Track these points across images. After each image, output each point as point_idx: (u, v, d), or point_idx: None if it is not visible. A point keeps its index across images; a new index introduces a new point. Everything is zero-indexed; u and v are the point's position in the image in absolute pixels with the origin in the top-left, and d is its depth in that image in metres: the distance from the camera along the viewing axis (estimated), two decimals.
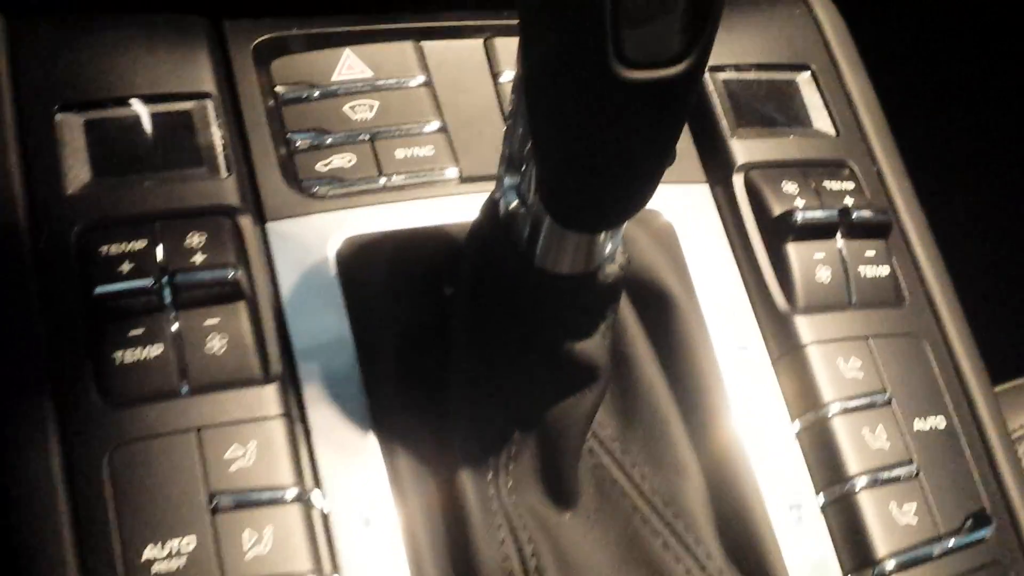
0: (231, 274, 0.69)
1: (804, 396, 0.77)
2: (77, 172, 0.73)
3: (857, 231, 0.82)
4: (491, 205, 0.68)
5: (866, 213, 0.82)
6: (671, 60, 0.52)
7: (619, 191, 0.60)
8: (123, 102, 0.76)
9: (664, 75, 0.52)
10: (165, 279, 0.68)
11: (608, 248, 0.66)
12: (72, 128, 0.74)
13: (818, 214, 0.81)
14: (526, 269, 0.66)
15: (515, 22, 0.86)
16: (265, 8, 0.85)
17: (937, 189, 0.96)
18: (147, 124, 0.76)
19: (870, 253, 0.82)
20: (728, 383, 0.77)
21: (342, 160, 0.80)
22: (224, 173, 0.75)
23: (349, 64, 0.84)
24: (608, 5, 0.50)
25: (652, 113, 0.55)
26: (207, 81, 0.78)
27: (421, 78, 0.84)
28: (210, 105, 0.77)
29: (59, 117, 0.74)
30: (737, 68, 0.90)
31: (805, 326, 0.79)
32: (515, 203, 0.65)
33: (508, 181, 0.66)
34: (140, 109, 0.76)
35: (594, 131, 0.56)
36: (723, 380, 0.77)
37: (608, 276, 0.67)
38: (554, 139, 0.58)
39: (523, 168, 0.63)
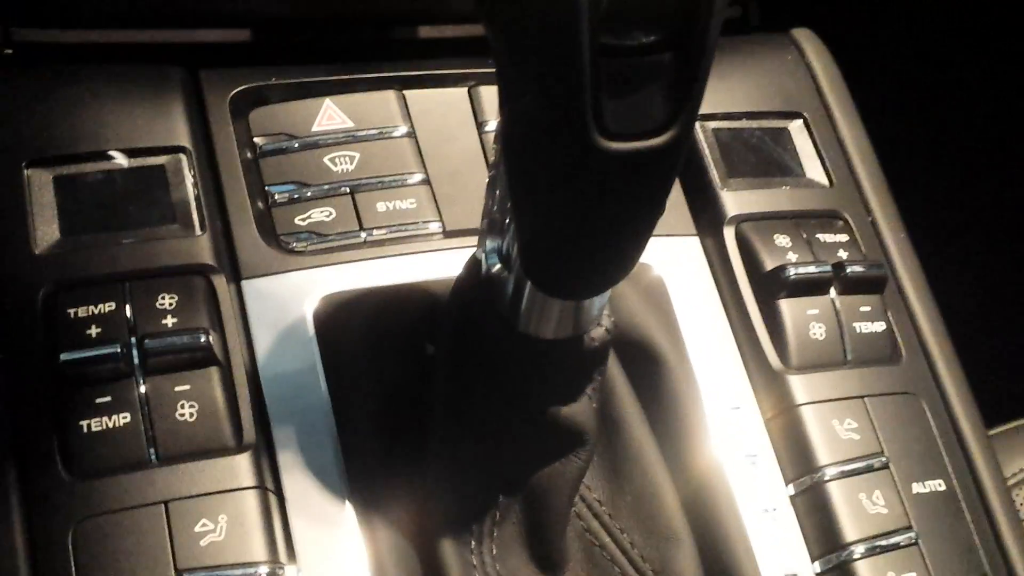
0: (203, 338, 0.66)
1: (798, 459, 0.74)
2: (45, 230, 0.70)
3: (851, 286, 0.80)
4: (474, 264, 0.66)
5: (860, 268, 0.80)
6: (655, 130, 0.50)
7: (602, 260, 0.57)
8: (94, 157, 0.73)
9: (647, 146, 0.50)
10: (133, 343, 0.66)
11: (594, 311, 0.64)
12: (41, 184, 0.72)
13: (811, 269, 0.78)
14: (509, 334, 0.64)
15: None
16: (243, 57, 0.83)
17: (930, 234, 0.94)
18: (119, 180, 0.73)
19: (865, 308, 0.80)
20: (720, 445, 0.75)
21: (321, 214, 0.77)
22: (198, 230, 0.72)
23: (329, 114, 0.82)
24: (588, 72, 0.47)
25: (635, 184, 0.53)
26: (181, 134, 0.75)
27: (404, 128, 0.82)
28: (184, 159, 0.75)
29: (28, 172, 0.72)
30: (728, 116, 0.88)
31: (799, 385, 0.76)
32: (497, 266, 0.63)
33: (490, 243, 0.63)
34: (111, 164, 0.73)
35: (574, 201, 0.53)
36: (715, 442, 0.75)
37: (594, 340, 0.65)
38: (533, 207, 0.55)
39: (505, 228, 0.61)
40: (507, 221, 0.60)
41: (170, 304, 0.68)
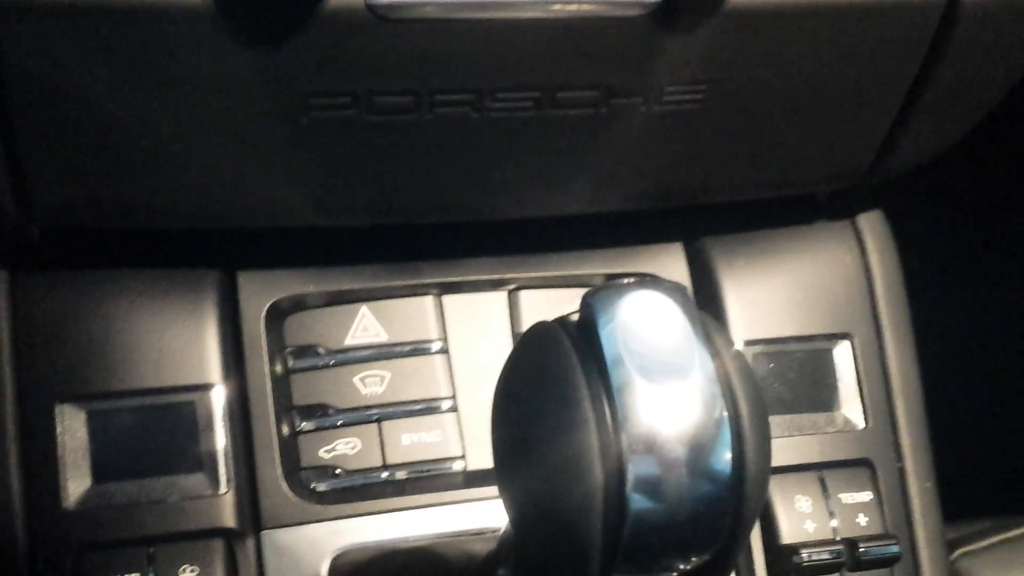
0: None
1: None
2: (77, 478, 0.72)
3: (863, 566, 0.80)
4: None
5: (875, 549, 0.80)
6: None
7: None
8: (126, 394, 0.74)
9: None
10: None
11: None
12: (74, 422, 0.73)
13: (824, 557, 0.79)
14: None
15: (541, 274, 0.83)
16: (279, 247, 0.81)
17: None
18: (149, 419, 0.74)
19: None
20: None
21: (346, 446, 0.79)
22: (223, 487, 0.74)
23: (364, 325, 0.81)
24: None
25: None
26: (213, 370, 0.76)
27: (438, 344, 0.81)
28: (213, 398, 0.75)
29: (60, 409, 0.73)
30: (772, 342, 0.86)
31: None
32: None
33: None
34: (142, 401, 0.75)
35: None
36: None
37: None
38: None
39: None
40: None
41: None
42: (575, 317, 0.50)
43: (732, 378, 0.47)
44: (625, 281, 0.49)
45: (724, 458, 0.46)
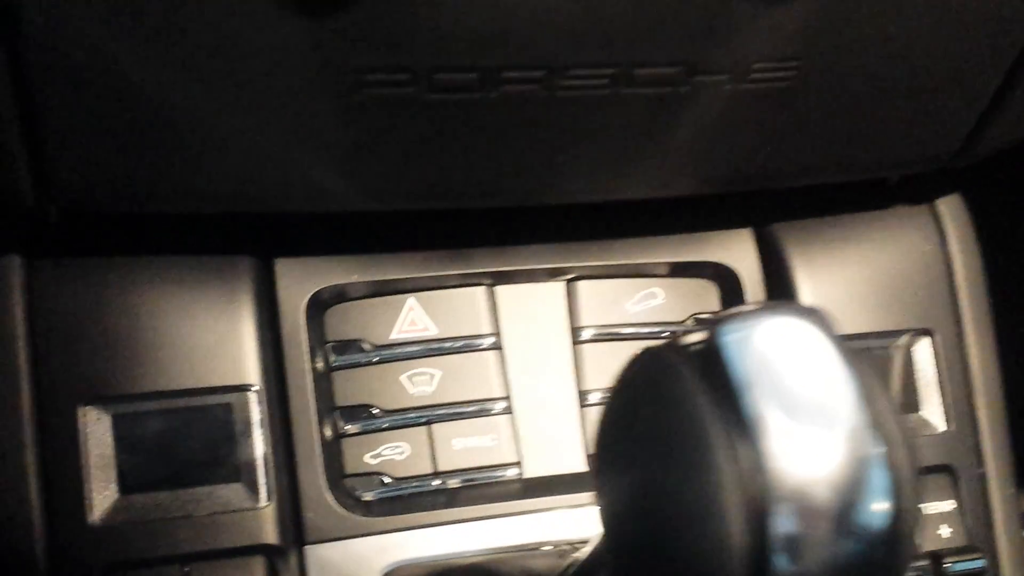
0: None
1: None
2: (103, 491, 0.66)
3: None
4: None
5: (961, 562, 0.74)
6: None
7: None
8: (155, 396, 0.68)
9: None
10: None
11: None
12: (99, 429, 0.67)
13: (909, 573, 0.73)
14: None
15: (602, 262, 0.76)
16: (320, 239, 0.75)
17: None
18: (181, 422, 0.68)
19: None
20: None
21: (394, 450, 0.72)
22: (263, 499, 0.68)
23: (412, 318, 0.75)
24: None
25: None
26: (251, 370, 0.69)
27: (490, 339, 0.75)
28: (253, 398, 0.69)
29: (83, 412, 0.66)
30: (847, 338, 0.79)
31: None
32: None
33: None
34: (174, 403, 0.68)
35: None
36: None
37: None
38: None
39: None
40: None
41: None
42: (692, 345, 0.43)
43: (885, 417, 0.41)
44: (752, 307, 0.43)
45: (882, 511, 0.39)
